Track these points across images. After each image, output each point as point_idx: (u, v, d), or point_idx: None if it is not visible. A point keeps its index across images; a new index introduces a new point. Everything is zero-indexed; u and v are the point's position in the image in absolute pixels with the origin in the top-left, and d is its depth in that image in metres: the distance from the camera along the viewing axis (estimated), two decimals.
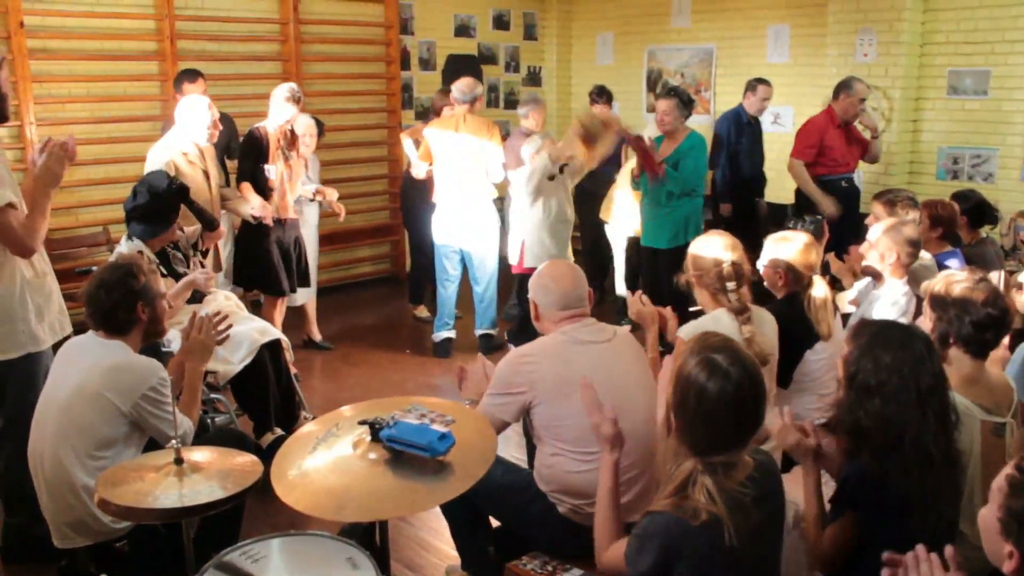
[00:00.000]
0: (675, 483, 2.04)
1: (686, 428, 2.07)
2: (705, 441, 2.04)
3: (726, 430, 2.04)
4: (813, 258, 3.58)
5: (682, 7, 8.72)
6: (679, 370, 2.10)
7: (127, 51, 6.61)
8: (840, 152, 6.28)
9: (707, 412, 2.03)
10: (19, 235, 3.23)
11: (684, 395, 2.07)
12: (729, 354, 2.07)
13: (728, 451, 2.04)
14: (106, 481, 2.34)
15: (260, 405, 4.39)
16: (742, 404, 2.03)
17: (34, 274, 3.42)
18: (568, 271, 3.11)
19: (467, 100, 5.98)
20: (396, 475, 2.29)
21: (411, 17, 8.39)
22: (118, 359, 2.95)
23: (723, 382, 2.01)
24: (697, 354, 2.09)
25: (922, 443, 2.25)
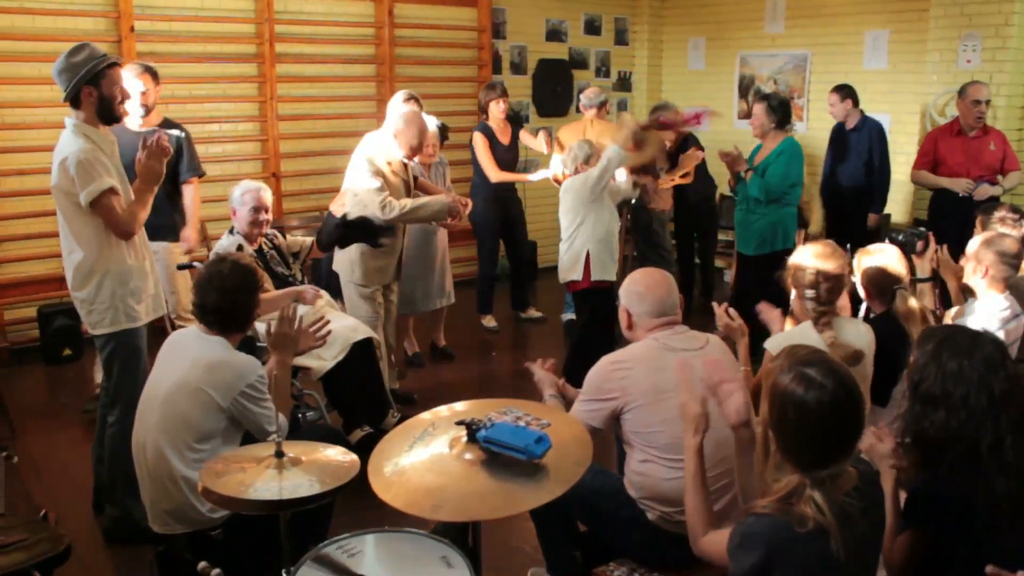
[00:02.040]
0: (779, 494, 2.00)
1: (788, 445, 2.03)
2: (809, 456, 2.00)
3: (829, 443, 2.00)
4: (898, 271, 3.49)
5: (776, 13, 8.58)
6: (773, 387, 2.06)
7: (228, 54, 6.80)
8: (957, 161, 6.09)
9: (808, 428, 1.98)
10: (120, 218, 3.57)
11: (782, 412, 2.02)
12: (822, 366, 2.03)
13: (834, 464, 2.00)
14: (210, 471, 2.40)
15: (350, 402, 4.46)
16: (842, 415, 1.99)
17: (135, 259, 3.71)
18: (662, 278, 3.10)
19: (595, 104, 6.79)
20: (492, 476, 2.29)
21: (503, 21, 8.43)
22: (219, 355, 3.02)
23: (820, 395, 1.97)
24: (789, 369, 2.04)
25: (1001, 453, 2.16)
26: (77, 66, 3.50)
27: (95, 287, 3.63)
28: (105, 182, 3.48)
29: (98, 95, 3.55)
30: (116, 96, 3.61)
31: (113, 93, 3.59)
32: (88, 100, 3.54)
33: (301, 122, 7.14)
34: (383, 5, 7.47)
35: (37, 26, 5.99)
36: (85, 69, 3.50)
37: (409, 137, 4.81)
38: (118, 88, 3.62)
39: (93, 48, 3.58)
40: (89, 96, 3.54)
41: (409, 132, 4.80)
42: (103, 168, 3.51)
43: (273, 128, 6.97)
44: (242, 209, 4.34)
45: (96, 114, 3.58)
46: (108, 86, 3.57)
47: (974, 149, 6.08)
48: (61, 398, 5.58)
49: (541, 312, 7.12)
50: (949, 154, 6.13)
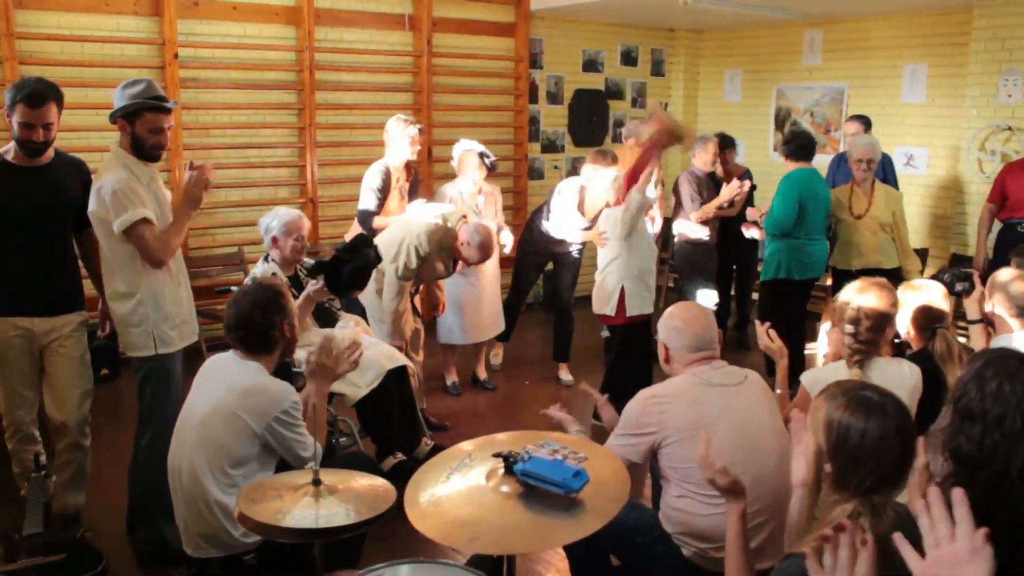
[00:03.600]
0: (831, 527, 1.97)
1: (849, 469, 2.01)
2: (872, 478, 1.98)
3: (891, 464, 1.99)
4: (942, 309, 3.45)
5: (814, 45, 8.57)
6: (827, 417, 2.05)
7: (269, 81, 6.90)
8: (1020, 196, 6.07)
9: (871, 448, 1.98)
10: (151, 247, 3.61)
11: (842, 436, 2.01)
12: (877, 391, 2.05)
13: (892, 488, 1.99)
14: (246, 497, 2.41)
15: (384, 429, 4.46)
16: (904, 435, 2.00)
17: (171, 284, 3.77)
18: (700, 313, 3.10)
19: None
20: (528, 509, 2.28)
21: (540, 52, 8.49)
22: (254, 381, 3.04)
23: (883, 416, 1.99)
24: (841, 396, 2.05)
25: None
26: (122, 97, 3.61)
27: (131, 311, 3.69)
28: (138, 212, 3.54)
29: (131, 132, 3.63)
30: (147, 139, 3.65)
31: (144, 136, 3.64)
32: (123, 132, 3.64)
33: (339, 149, 7.21)
34: (422, 35, 7.55)
35: (85, 52, 6.11)
36: (125, 103, 3.59)
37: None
38: (151, 132, 3.64)
39: (151, 86, 3.65)
40: (123, 129, 3.63)
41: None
42: (137, 198, 3.56)
43: (311, 154, 7.04)
44: (286, 239, 4.37)
45: (129, 148, 3.66)
46: (141, 127, 3.62)
47: None
48: (98, 417, 5.61)
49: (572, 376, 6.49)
50: (1015, 188, 6.09)
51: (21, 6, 5.83)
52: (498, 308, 6.11)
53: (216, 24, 6.59)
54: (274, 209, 4.53)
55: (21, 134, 3.62)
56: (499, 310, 6.13)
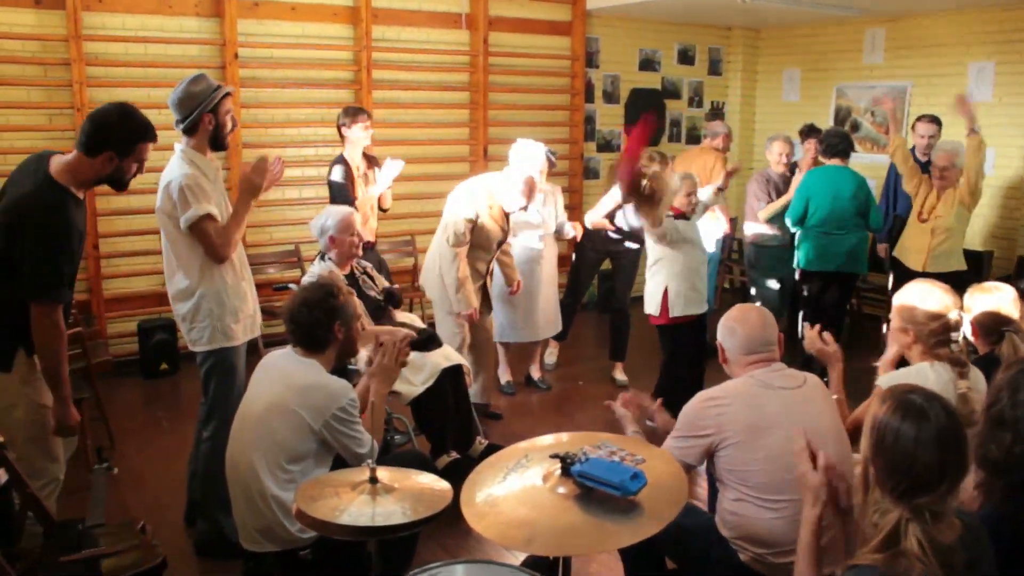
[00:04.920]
0: (881, 535, 1.94)
1: (885, 471, 1.98)
2: (907, 481, 1.94)
3: (929, 468, 1.93)
4: (1011, 313, 3.35)
5: (875, 43, 8.41)
6: (873, 418, 2.03)
7: (326, 79, 6.96)
8: None
9: (905, 450, 1.94)
10: (214, 242, 3.65)
11: (880, 437, 1.99)
12: (924, 394, 2.01)
13: (933, 492, 1.93)
14: (304, 494, 2.42)
15: (438, 427, 4.48)
16: (944, 440, 1.94)
17: (234, 279, 3.80)
18: (755, 314, 3.05)
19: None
20: (585, 511, 2.27)
21: (597, 51, 8.45)
22: (312, 378, 3.06)
23: (920, 419, 1.95)
24: (889, 398, 2.03)
25: None
26: (198, 95, 3.64)
27: (195, 306, 3.73)
28: (204, 208, 3.59)
29: (216, 123, 3.68)
30: (227, 124, 3.75)
31: (227, 121, 3.73)
32: (205, 127, 3.67)
33: (395, 147, 7.24)
34: (478, 33, 7.56)
35: (148, 53, 6.22)
36: (207, 98, 3.64)
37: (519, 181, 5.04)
38: (230, 116, 3.76)
39: (209, 78, 3.72)
40: (208, 124, 3.67)
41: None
42: (203, 195, 3.62)
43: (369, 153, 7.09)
44: (345, 237, 4.40)
45: (209, 141, 3.72)
46: (223, 114, 3.71)
47: None
48: (157, 411, 5.73)
49: (627, 376, 6.48)
50: None
51: (88, 8, 5.95)
52: (555, 308, 6.08)
53: (275, 24, 6.67)
54: (325, 209, 4.57)
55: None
56: (556, 310, 6.10)
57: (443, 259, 5.07)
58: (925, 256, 5.82)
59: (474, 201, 5.03)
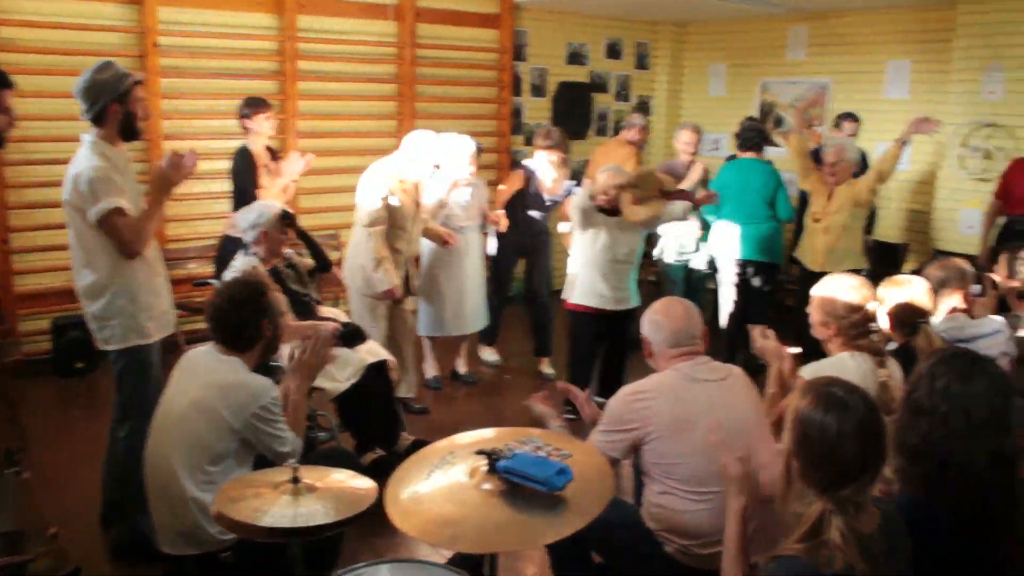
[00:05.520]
0: (804, 527, 1.97)
1: (810, 465, 2.02)
2: (832, 474, 1.98)
3: (851, 460, 1.98)
4: (925, 305, 3.43)
5: (798, 40, 8.57)
6: (795, 412, 2.07)
7: (250, 70, 6.82)
8: (1020, 193, 6.13)
9: (828, 443, 1.98)
10: (125, 238, 3.53)
11: (802, 431, 2.03)
12: (844, 386, 2.06)
13: (855, 483, 1.97)
14: (224, 496, 2.36)
15: (363, 424, 4.43)
16: (865, 432, 1.99)
17: (147, 275, 3.69)
18: (680, 308, 3.08)
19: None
20: (511, 508, 2.25)
21: (525, 44, 8.44)
22: (233, 376, 2.99)
23: (842, 412, 1.99)
24: (810, 392, 2.06)
25: (968, 474, 2.18)
26: (105, 83, 3.51)
27: (106, 303, 3.61)
28: (113, 201, 3.46)
29: (124, 112, 3.56)
30: (139, 113, 3.63)
31: (137, 111, 3.61)
32: (114, 117, 3.54)
33: (321, 139, 7.13)
34: (406, 24, 7.48)
35: (63, 39, 6.01)
36: (114, 86, 3.51)
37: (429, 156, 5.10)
38: (141, 105, 3.64)
39: (117, 66, 3.59)
40: (116, 114, 3.54)
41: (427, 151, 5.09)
42: (113, 187, 3.49)
43: (292, 144, 6.95)
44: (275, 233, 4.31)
45: (119, 131, 3.59)
46: (134, 103, 3.58)
47: None
48: (72, 411, 5.55)
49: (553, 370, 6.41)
50: (1018, 184, 6.14)
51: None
52: (482, 300, 6.06)
53: (197, 12, 6.49)
54: (255, 204, 4.47)
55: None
56: (482, 303, 6.07)
57: (361, 244, 5.06)
58: (821, 256, 5.80)
59: (383, 180, 5.02)
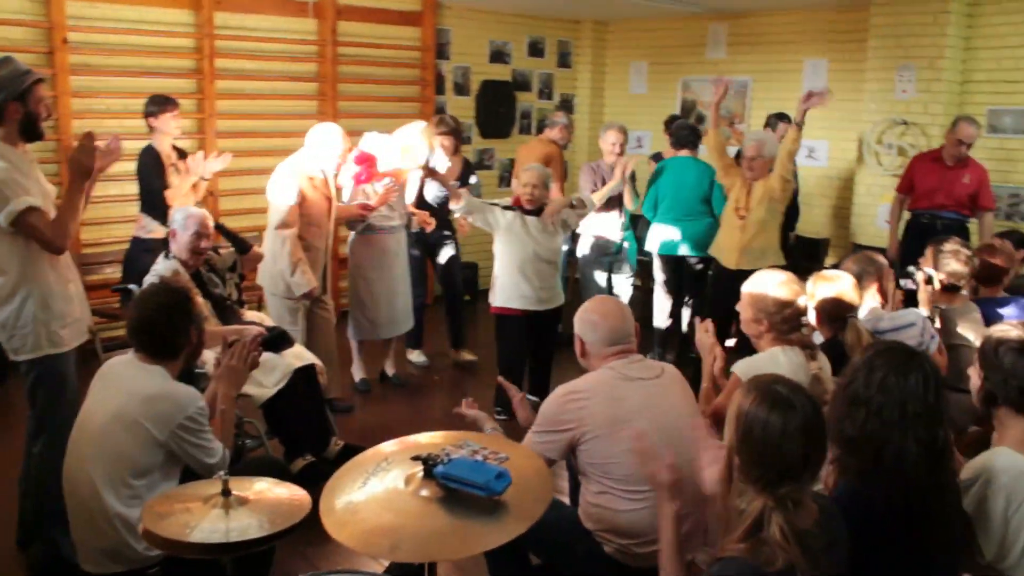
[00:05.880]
0: (745, 524, 1.98)
1: (752, 462, 2.02)
2: (774, 471, 1.98)
3: (794, 458, 1.99)
4: (852, 300, 3.50)
5: (718, 39, 8.69)
6: (738, 409, 2.07)
7: (166, 68, 6.63)
8: (929, 186, 6.24)
9: (772, 441, 1.98)
10: (47, 236, 3.38)
11: (746, 428, 2.03)
12: (788, 385, 2.07)
13: (797, 481, 1.98)
14: (151, 512, 2.27)
15: (292, 430, 4.33)
16: (809, 430, 2.00)
17: (58, 280, 3.53)
18: (614, 306, 3.09)
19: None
20: (450, 514, 2.21)
21: (448, 42, 8.38)
22: (157, 386, 2.89)
23: (787, 410, 1.99)
24: (754, 390, 2.07)
25: (901, 465, 2.23)
26: (2, 81, 3.34)
27: (15, 311, 3.44)
28: (24, 200, 3.30)
29: (24, 112, 3.40)
30: (41, 113, 3.47)
31: (39, 110, 3.45)
32: (13, 117, 3.38)
33: (240, 139, 6.97)
34: (326, 22, 7.36)
35: None
36: (12, 84, 3.35)
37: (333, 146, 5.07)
38: (43, 105, 3.48)
39: (17, 62, 3.42)
40: (15, 113, 3.38)
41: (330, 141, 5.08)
42: (20, 187, 3.33)
43: (211, 145, 6.78)
44: (184, 234, 4.19)
45: (19, 131, 3.43)
46: (34, 102, 3.42)
47: (948, 178, 6.18)
48: None
49: (475, 356, 6.63)
50: (922, 178, 6.27)
51: None
52: (409, 302, 6.00)
53: (109, 7, 6.28)
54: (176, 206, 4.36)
55: None
56: (410, 303, 6.01)
57: (275, 247, 4.99)
58: (738, 253, 5.77)
59: (290, 179, 4.96)
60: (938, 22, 6.87)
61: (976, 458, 2.51)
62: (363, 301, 5.73)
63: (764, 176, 5.71)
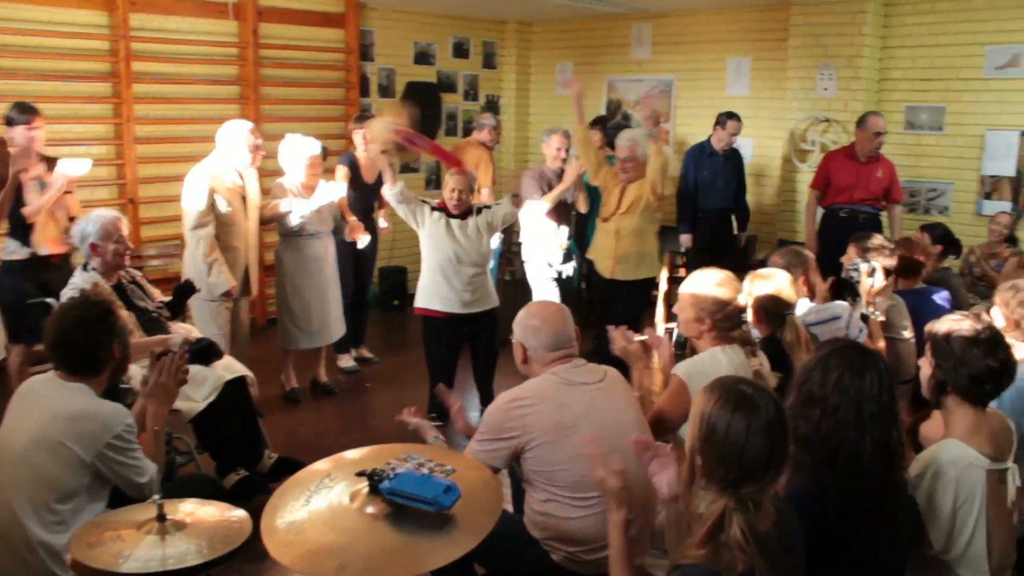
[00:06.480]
0: (706, 526, 1.95)
1: (716, 461, 1.99)
2: (738, 470, 1.96)
3: (758, 457, 1.97)
4: (790, 297, 3.53)
5: (642, 38, 8.75)
6: (701, 411, 2.04)
7: (81, 71, 6.38)
8: (846, 183, 6.36)
9: (736, 441, 1.96)
10: None
11: (710, 429, 2.00)
12: (752, 385, 2.07)
13: (760, 480, 1.97)
14: (81, 541, 2.15)
15: (224, 444, 4.19)
16: (773, 429, 1.98)
17: None
18: (557, 310, 3.04)
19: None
20: (399, 531, 2.14)
21: (371, 43, 8.27)
22: (81, 405, 2.77)
23: (752, 410, 1.98)
24: (717, 391, 2.05)
25: (856, 464, 2.25)
26: None
27: None
28: None
29: None
30: None
31: None
32: None
33: (160, 145, 6.76)
34: (247, 24, 7.18)
35: None
36: None
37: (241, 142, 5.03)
38: None
39: None
40: None
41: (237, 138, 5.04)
42: None
43: (130, 151, 6.58)
44: (106, 244, 4.03)
45: None
46: None
47: (864, 173, 6.33)
48: None
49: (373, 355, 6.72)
50: (838, 175, 6.38)
51: None
52: (340, 308, 5.89)
53: (19, 8, 6.02)
54: (89, 213, 4.18)
55: None
56: (341, 310, 5.90)
57: (193, 249, 4.96)
58: (612, 261, 5.54)
59: (200, 181, 4.93)
60: (856, 22, 7.03)
61: (924, 451, 2.55)
62: (292, 309, 5.60)
63: (638, 178, 5.48)
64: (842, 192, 6.37)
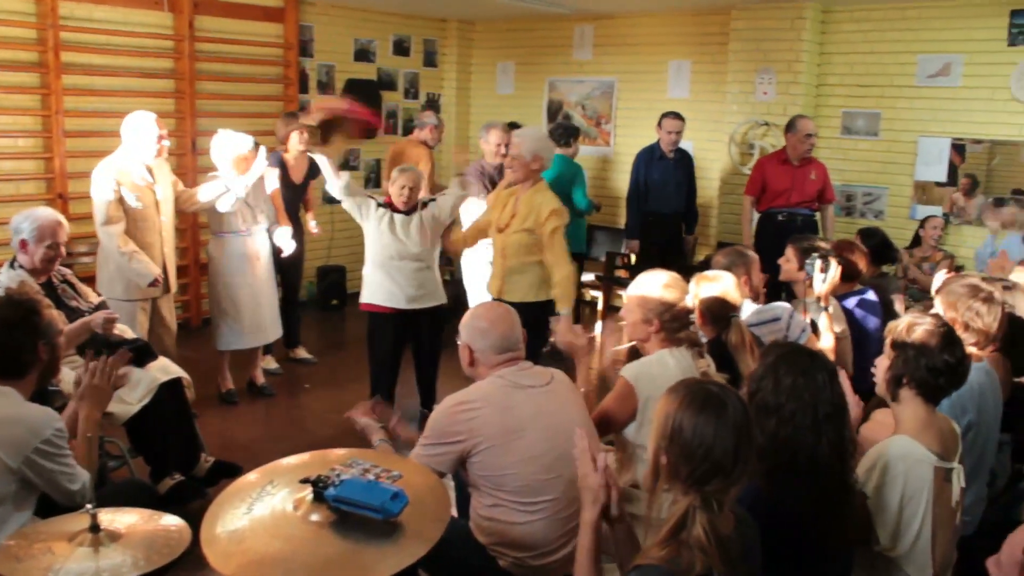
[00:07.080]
0: (669, 524, 1.94)
1: (681, 460, 1.98)
2: (705, 466, 1.95)
3: (726, 453, 1.96)
4: (735, 299, 3.54)
5: (584, 40, 8.76)
6: (665, 412, 2.03)
7: (5, 61, 6.14)
8: (782, 187, 6.45)
9: (704, 438, 1.95)
10: None
11: (676, 429, 1.99)
12: (717, 385, 2.07)
13: (727, 477, 1.95)
14: (7, 554, 2.04)
15: (159, 448, 4.08)
16: (739, 427, 1.98)
17: None
18: (505, 313, 3.00)
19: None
20: (345, 539, 2.08)
21: (311, 39, 8.14)
22: (7, 409, 2.64)
23: (719, 408, 1.98)
24: (682, 391, 2.04)
25: (815, 467, 2.26)
26: None
27: None
28: None
29: None
30: None
31: None
32: None
33: (90, 139, 6.55)
34: (183, 16, 6.99)
35: None
36: None
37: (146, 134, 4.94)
38: None
39: None
40: None
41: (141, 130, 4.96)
42: None
43: (59, 145, 6.37)
44: (37, 246, 3.89)
45: None
46: None
47: (798, 177, 6.44)
48: None
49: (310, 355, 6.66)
50: (774, 180, 6.47)
51: None
52: (276, 307, 5.78)
53: None
54: (31, 208, 4.04)
55: None
56: (277, 309, 5.79)
57: (106, 246, 4.85)
58: (500, 280, 4.78)
59: (105, 174, 4.83)
60: (795, 27, 7.14)
61: (873, 448, 2.57)
62: (225, 309, 5.48)
63: (530, 183, 4.73)
64: (779, 196, 6.46)
